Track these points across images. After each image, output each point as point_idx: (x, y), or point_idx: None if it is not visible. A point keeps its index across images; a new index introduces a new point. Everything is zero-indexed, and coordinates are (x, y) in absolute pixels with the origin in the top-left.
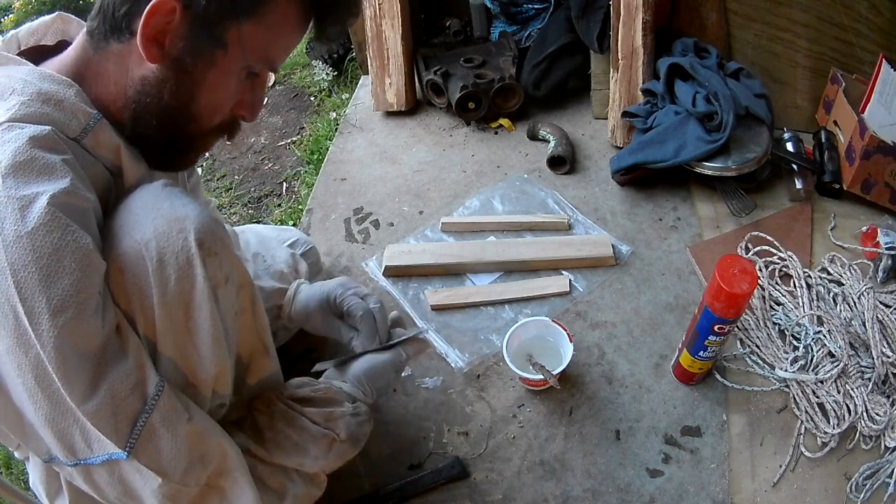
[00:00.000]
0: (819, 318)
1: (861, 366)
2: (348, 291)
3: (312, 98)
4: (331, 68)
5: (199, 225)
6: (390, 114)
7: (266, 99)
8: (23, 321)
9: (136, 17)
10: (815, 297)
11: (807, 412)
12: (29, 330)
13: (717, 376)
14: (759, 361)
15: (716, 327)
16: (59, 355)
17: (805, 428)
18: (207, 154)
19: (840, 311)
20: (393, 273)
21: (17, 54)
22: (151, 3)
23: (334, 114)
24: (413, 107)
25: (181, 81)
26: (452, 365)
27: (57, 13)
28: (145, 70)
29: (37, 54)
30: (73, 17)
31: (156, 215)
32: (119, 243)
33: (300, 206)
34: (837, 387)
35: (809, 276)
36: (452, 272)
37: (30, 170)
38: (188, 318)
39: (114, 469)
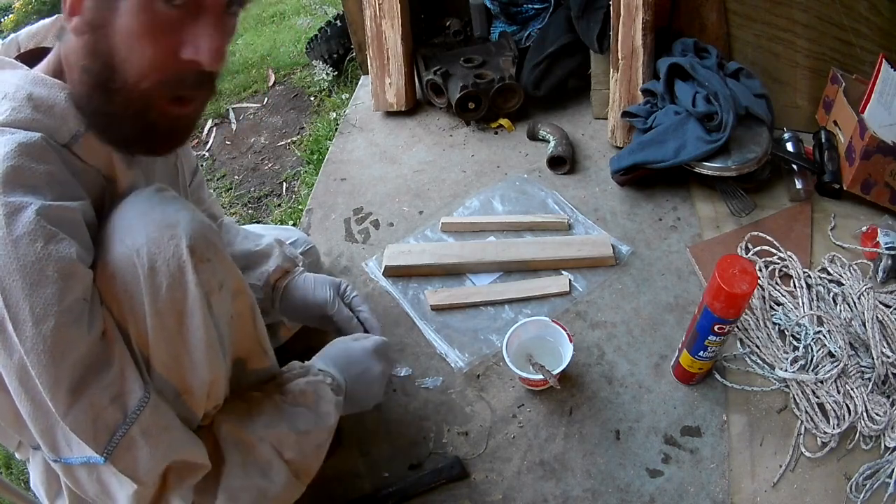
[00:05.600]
0: (819, 318)
1: (861, 366)
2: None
3: (312, 98)
4: (331, 68)
5: (191, 231)
6: (390, 114)
7: (265, 98)
8: (7, 326)
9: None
10: (815, 298)
11: (807, 412)
12: (13, 335)
13: (717, 376)
14: (759, 361)
15: (716, 327)
16: (41, 362)
17: (805, 428)
18: (207, 154)
19: (840, 311)
20: (393, 273)
21: (17, 56)
22: None
23: (334, 114)
24: (413, 107)
25: (97, 39)
26: (452, 365)
27: (57, 16)
28: (72, 48)
29: (36, 57)
30: None
31: (147, 221)
32: (111, 249)
33: (300, 206)
34: (837, 387)
35: (809, 276)
36: (452, 272)
37: (17, 176)
38: (181, 326)
39: (92, 470)
